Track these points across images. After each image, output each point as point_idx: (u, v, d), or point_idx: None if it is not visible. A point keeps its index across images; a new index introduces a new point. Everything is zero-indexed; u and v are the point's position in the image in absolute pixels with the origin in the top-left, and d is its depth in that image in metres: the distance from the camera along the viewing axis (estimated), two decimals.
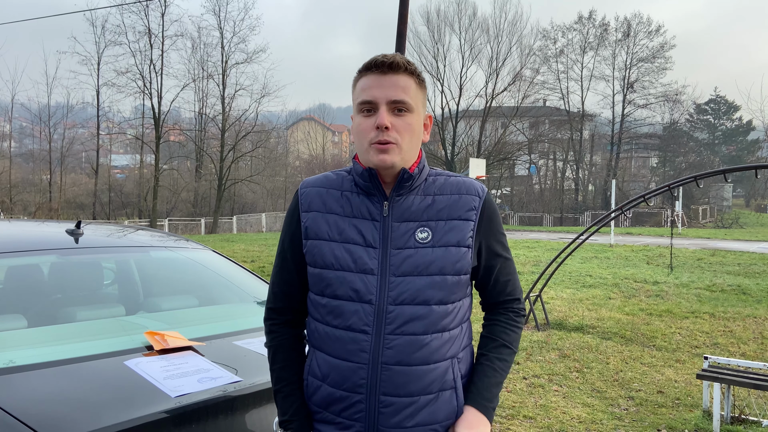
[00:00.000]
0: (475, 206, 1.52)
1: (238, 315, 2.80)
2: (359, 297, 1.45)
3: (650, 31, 44.14)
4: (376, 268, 1.46)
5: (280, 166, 46.81)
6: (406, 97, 1.46)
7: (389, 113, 1.45)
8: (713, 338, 7.44)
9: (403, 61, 1.48)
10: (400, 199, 1.51)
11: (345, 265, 1.47)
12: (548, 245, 19.40)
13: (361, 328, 1.45)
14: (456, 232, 1.49)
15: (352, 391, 1.46)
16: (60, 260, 2.74)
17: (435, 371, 1.46)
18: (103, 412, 1.63)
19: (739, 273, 12.92)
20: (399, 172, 1.50)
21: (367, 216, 1.50)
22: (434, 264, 1.46)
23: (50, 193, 38.13)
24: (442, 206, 1.51)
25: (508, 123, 42.79)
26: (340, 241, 1.49)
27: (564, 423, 4.57)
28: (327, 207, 1.53)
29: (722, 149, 51.87)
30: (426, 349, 1.45)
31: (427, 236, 1.48)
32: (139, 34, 35.92)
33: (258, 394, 1.86)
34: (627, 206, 8.03)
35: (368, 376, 1.44)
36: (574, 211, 43.87)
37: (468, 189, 1.55)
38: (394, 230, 1.48)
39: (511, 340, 1.60)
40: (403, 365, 1.44)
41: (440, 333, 1.47)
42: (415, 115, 1.49)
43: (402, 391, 1.44)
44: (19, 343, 2.13)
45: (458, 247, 1.49)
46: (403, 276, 1.46)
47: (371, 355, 1.44)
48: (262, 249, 18.29)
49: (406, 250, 1.47)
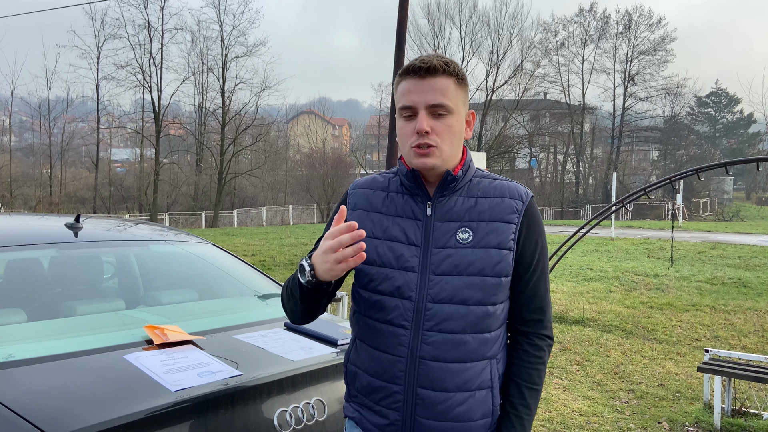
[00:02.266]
0: (517, 209, 1.52)
1: (238, 309, 2.80)
2: (399, 293, 1.49)
3: (651, 23, 44.01)
4: (416, 266, 1.49)
5: (281, 160, 46.74)
6: (444, 99, 1.47)
7: (429, 117, 1.47)
8: (714, 331, 7.44)
9: (441, 63, 1.48)
10: (444, 199, 1.53)
11: (387, 261, 1.51)
12: (549, 238, 19.30)
13: (401, 323, 1.49)
14: (497, 234, 1.49)
15: (390, 382, 1.50)
16: (59, 254, 2.73)
17: (472, 370, 1.48)
18: (103, 407, 1.63)
19: (739, 266, 12.91)
20: (443, 174, 1.52)
21: (410, 215, 1.53)
22: (473, 265, 1.47)
23: (50, 188, 38.08)
24: (484, 208, 1.52)
25: (508, 116, 42.69)
26: (384, 239, 1.53)
27: (565, 416, 4.57)
28: (372, 206, 1.57)
29: (723, 142, 51.75)
30: (464, 347, 1.47)
31: (468, 237, 1.49)
32: (139, 28, 35.85)
33: (258, 388, 1.86)
34: (628, 199, 8.01)
35: (406, 369, 1.48)
36: (575, 205, 43.84)
37: (512, 193, 1.54)
38: (436, 230, 1.51)
39: (534, 380, 1.54)
40: (439, 361, 1.47)
41: (480, 333, 1.48)
42: (455, 116, 1.50)
43: (438, 386, 1.47)
44: (18, 337, 2.12)
45: (498, 249, 1.49)
46: (442, 275, 1.48)
47: (409, 350, 1.48)
48: (262, 243, 18.30)
49: (446, 250, 1.49)
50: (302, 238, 19.90)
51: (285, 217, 37.80)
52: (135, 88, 36.69)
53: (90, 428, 1.52)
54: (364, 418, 1.57)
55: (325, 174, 41.61)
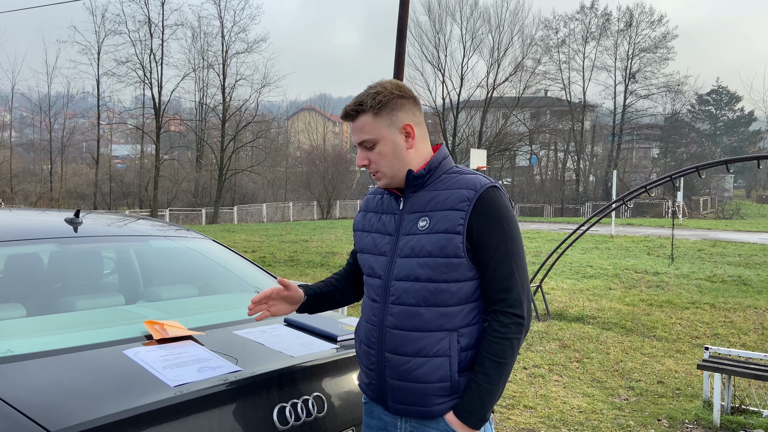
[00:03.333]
0: (468, 198, 1.69)
1: (238, 305, 2.79)
2: (375, 273, 1.81)
3: (652, 21, 43.96)
4: (389, 251, 1.78)
5: (281, 157, 46.72)
6: (365, 135, 1.76)
7: (363, 150, 1.79)
8: (714, 329, 7.44)
9: (353, 107, 1.76)
10: (413, 195, 1.79)
11: (370, 249, 1.84)
12: (549, 236, 19.39)
13: (374, 297, 1.80)
14: (446, 220, 1.69)
15: (369, 346, 1.79)
16: (59, 249, 2.72)
17: (429, 338, 1.69)
18: (102, 402, 1.62)
19: (739, 264, 12.92)
20: (404, 177, 1.78)
21: (390, 211, 1.83)
22: (425, 248, 1.70)
23: (51, 183, 38.08)
24: (441, 199, 1.73)
25: (509, 113, 42.65)
26: (371, 231, 1.86)
27: (564, 413, 4.58)
28: (369, 207, 1.93)
29: (724, 140, 51.71)
30: (419, 318, 1.70)
31: (425, 224, 1.72)
32: (139, 24, 35.88)
33: (257, 384, 1.86)
34: (628, 197, 8.01)
35: (377, 336, 1.76)
36: (575, 202, 43.80)
37: (468, 184, 1.72)
38: (405, 220, 1.77)
39: (496, 352, 1.67)
40: (400, 330, 1.72)
41: (435, 307, 1.69)
42: (381, 143, 1.76)
43: (399, 351, 1.72)
44: (17, 332, 2.12)
45: (447, 234, 1.68)
46: (404, 257, 1.73)
47: (379, 319, 1.76)
48: (262, 239, 18.30)
49: (409, 236, 1.74)
50: (302, 235, 19.91)
51: (285, 213, 37.79)
52: (135, 84, 36.74)
53: (89, 423, 1.51)
54: (361, 380, 1.89)
55: (326, 171, 41.57)
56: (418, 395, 1.70)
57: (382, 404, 1.80)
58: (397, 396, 1.73)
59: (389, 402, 1.76)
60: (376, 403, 1.82)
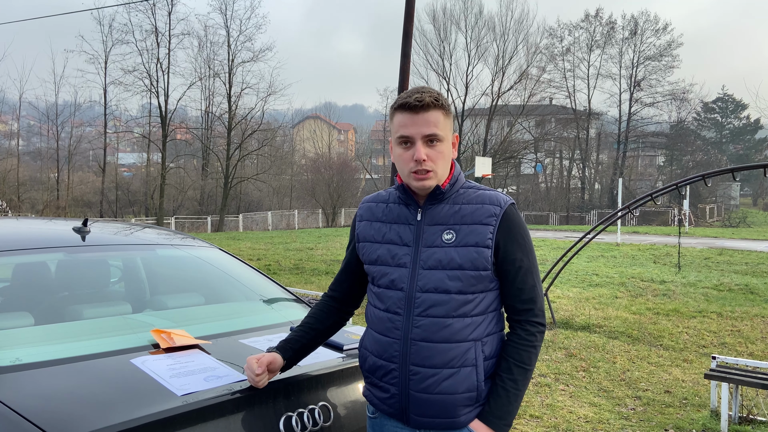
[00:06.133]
0: (495, 213, 1.74)
1: (244, 313, 2.80)
2: (394, 285, 1.77)
3: (657, 29, 43.96)
4: (408, 263, 1.76)
5: (286, 165, 46.82)
6: (436, 130, 1.73)
7: (424, 146, 1.73)
8: (721, 338, 7.40)
9: (432, 99, 1.72)
10: (432, 207, 1.79)
11: (385, 260, 1.80)
12: (554, 244, 19.35)
13: (395, 310, 1.76)
14: (475, 234, 1.73)
15: (389, 360, 1.76)
16: (67, 258, 2.74)
17: (456, 349, 1.70)
18: (110, 411, 1.63)
19: (746, 272, 12.84)
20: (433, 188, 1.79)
21: (404, 221, 1.81)
22: (454, 260, 1.72)
23: (58, 191, 38.26)
24: (466, 213, 1.76)
25: (514, 121, 42.66)
26: (383, 242, 1.83)
27: (571, 422, 4.55)
28: (374, 216, 1.89)
29: (730, 148, 51.56)
30: (448, 329, 1.71)
31: (451, 237, 1.74)
32: (146, 33, 36.07)
33: (264, 393, 1.86)
34: (634, 205, 8.00)
35: (401, 350, 1.73)
36: (581, 210, 43.70)
37: (491, 200, 1.77)
38: (425, 232, 1.77)
39: (523, 359, 1.74)
40: (428, 342, 1.71)
41: (461, 318, 1.72)
42: (445, 143, 1.76)
43: (427, 363, 1.71)
44: (25, 340, 2.13)
45: (476, 247, 1.72)
46: (429, 269, 1.73)
47: (403, 332, 1.74)
48: (268, 247, 18.32)
49: (433, 248, 1.75)
50: (307, 243, 19.92)
51: (290, 221, 37.85)
52: (142, 92, 36.96)
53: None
54: (372, 394, 1.84)
55: (331, 178, 41.64)
56: (444, 407, 1.70)
57: (400, 418, 1.77)
58: (421, 409, 1.72)
59: (411, 415, 1.74)
60: (392, 417, 1.79)
